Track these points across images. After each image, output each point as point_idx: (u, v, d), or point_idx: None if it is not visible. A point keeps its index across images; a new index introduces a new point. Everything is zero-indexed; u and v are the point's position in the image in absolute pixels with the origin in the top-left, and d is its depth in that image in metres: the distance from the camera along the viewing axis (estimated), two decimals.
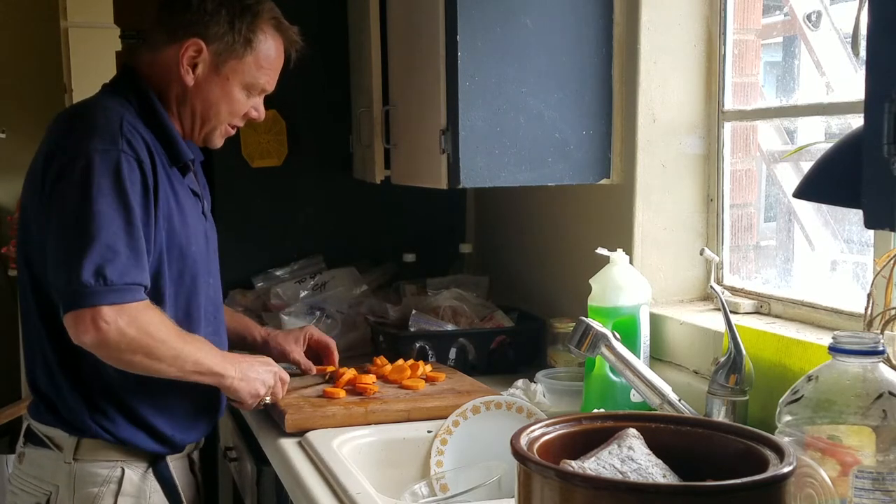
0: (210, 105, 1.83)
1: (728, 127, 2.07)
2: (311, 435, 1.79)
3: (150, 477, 1.82)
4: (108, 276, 1.60)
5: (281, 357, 2.07)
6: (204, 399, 1.86)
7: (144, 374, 1.69)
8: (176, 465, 1.87)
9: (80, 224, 1.62)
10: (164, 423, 1.80)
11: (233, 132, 1.93)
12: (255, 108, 1.90)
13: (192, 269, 1.81)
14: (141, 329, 1.63)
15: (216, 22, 1.79)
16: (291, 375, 2.08)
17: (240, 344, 2.09)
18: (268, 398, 1.85)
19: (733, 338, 1.58)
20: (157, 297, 1.72)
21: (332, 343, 2.15)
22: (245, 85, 1.84)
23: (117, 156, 1.66)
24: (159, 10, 1.86)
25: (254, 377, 1.81)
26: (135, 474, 1.80)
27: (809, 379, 1.21)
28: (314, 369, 2.10)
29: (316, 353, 2.14)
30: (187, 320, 1.80)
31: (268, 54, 1.85)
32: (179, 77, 1.80)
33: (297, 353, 2.10)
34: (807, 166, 1.31)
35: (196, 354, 1.72)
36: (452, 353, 2.29)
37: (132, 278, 1.63)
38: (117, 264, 1.62)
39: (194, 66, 1.80)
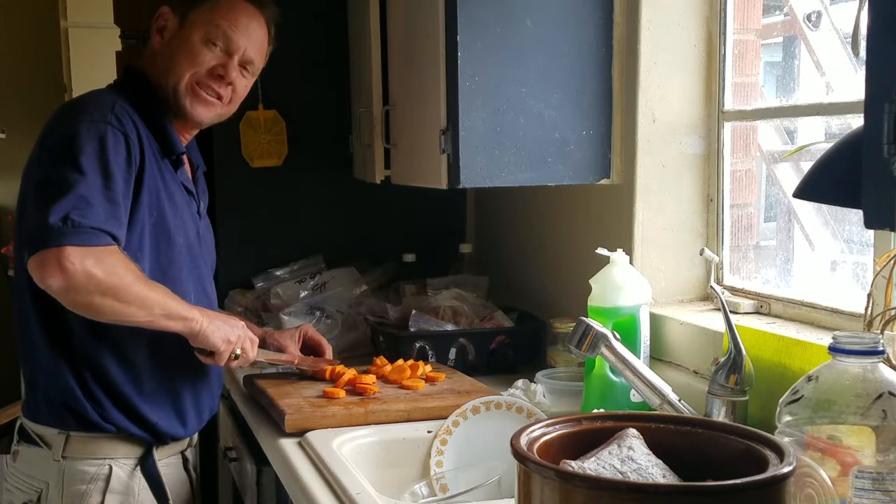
0: (172, 57, 1.85)
1: (728, 127, 2.07)
2: (311, 435, 1.78)
3: (138, 474, 1.83)
4: (75, 218, 1.60)
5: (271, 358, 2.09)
6: (194, 388, 1.88)
7: (113, 319, 1.68)
8: (168, 462, 1.89)
9: (58, 181, 1.64)
10: (152, 411, 1.81)
11: (205, 94, 1.85)
12: (224, 65, 1.85)
13: (178, 259, 1.83)
14: (108, 271, 1.62)
15: None
16: (288, 374, 2.10)
17: None
18: (238, 351, 1.82)
19: (733, 338, 1.58)
20: None
21: (325, 341, 2.17)
22: (204, 35, 1.84)
23: (104, 127, 1.70)
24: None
25: (222, 324, 1.79)
26: (122, 471, 1.81)
27: (809, 379, 1.21)
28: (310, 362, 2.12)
29: (311, 350, 2.15)
30: None
31: (229, 8, 1.86)
32: (154, 49, 1.86)
33: (294, 349, 2.12)
34: (807, 166, 1.31)
35: (163, 298, 1.71)
36: (452, 354, 2.29)
37: (101, 224, 1.63)
38: (87, 211, 1.62)
39: (162, 29, 1.86)
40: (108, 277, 1.62)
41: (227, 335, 1.79)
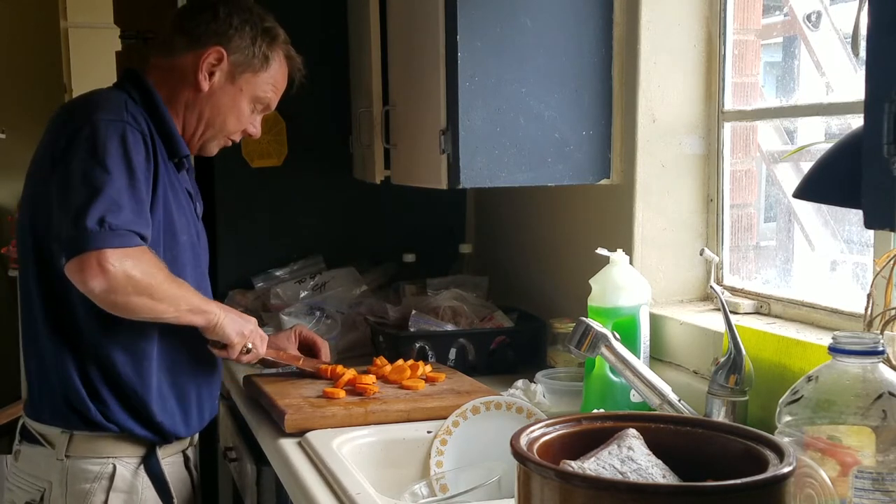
0: (218, 113, 1.90)
1: (728, 127, 2.07)
2: (311, 435, 1.79)
3: (142, 473, 1.84)
4: (111, 221, 1.64)
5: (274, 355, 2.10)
6: (199, 387, 1.90)
7: (146, 317, 1.73)
8: (170, 461, 1.89)
9: (86, 181, 1.67)
10: (158, 410, 1.82)
11: (229, 144, 1.99)
12: (254, 124, 1.97)
13: (182, 256, 1.86)
14: (144, 271, 1.67)
15: (240, 35, 1.88)
16: (288, 374, 2.10)
17: None
18: (249, 345, 1.88)
19: (733, 338, 1.58)
20: None
21: (320, 339, 2.18)
22: (253, 98, 1.92)
23: (122, 126, 1.73)
24: (180, 16, 1.94)
25: (236, 317, 1.87)
26: (126, 470, 1.82)
27: (809, 379, 1.21)
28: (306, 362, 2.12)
29: (308, 349, 2.16)
30: None
31: (278, 74, 1.95)
32: (195, 82, 1.87)
33: (291, 350, 2.13)
34: (807, 166, 1.31)
35: (187, 294, 1.78)
36: (452, 354, 2.29)
37: (132, 226, 1.67)
38: (120, 214, 1.66)
39: (211, 74, 1.87)
40: (144, 277, 1.67)
41: (242, 328, 1.86)
